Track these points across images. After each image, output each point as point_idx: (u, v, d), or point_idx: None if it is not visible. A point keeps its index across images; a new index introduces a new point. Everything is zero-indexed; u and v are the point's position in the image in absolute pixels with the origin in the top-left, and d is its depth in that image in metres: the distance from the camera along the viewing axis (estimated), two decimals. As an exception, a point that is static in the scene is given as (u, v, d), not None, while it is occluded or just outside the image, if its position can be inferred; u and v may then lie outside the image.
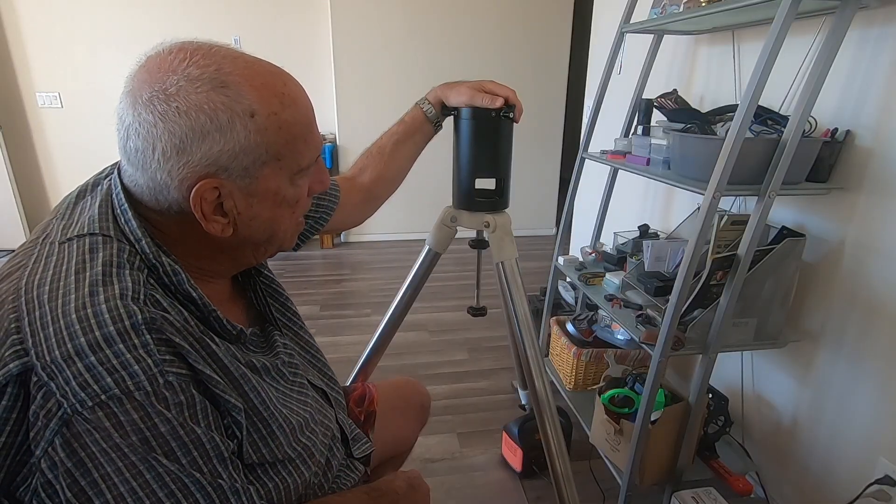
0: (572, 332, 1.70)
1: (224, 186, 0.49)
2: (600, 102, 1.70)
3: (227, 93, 0.47)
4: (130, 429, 0.42)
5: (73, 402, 0.41)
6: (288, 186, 0.54)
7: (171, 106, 0.46)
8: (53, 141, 3.38)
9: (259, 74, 0.50)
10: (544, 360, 1.69)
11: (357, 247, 3.69)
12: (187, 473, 0.45)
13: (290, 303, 0.72)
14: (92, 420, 0.42)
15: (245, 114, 0.48)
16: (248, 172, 0.50)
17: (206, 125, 0.47)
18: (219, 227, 0.51)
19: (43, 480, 0.43)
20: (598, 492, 1.41)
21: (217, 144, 0.48)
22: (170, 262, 0.51)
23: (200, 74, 0.47)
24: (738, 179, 1.04)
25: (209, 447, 0.47)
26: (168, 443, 0.44)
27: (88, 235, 0.50)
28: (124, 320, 0.44)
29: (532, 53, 3.59)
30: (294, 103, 0.52)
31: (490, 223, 0.94)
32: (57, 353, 0.42)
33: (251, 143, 0.49)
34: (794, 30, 0.99)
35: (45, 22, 3.14)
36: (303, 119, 0.53)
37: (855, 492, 1.10)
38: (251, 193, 0.52)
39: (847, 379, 1.15)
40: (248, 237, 0.55)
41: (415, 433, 1.06)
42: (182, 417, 0.45)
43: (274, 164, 0.51)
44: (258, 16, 3.35)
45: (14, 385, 0.42)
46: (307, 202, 0.61)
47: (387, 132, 0.93)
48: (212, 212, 0.50)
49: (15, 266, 0.50)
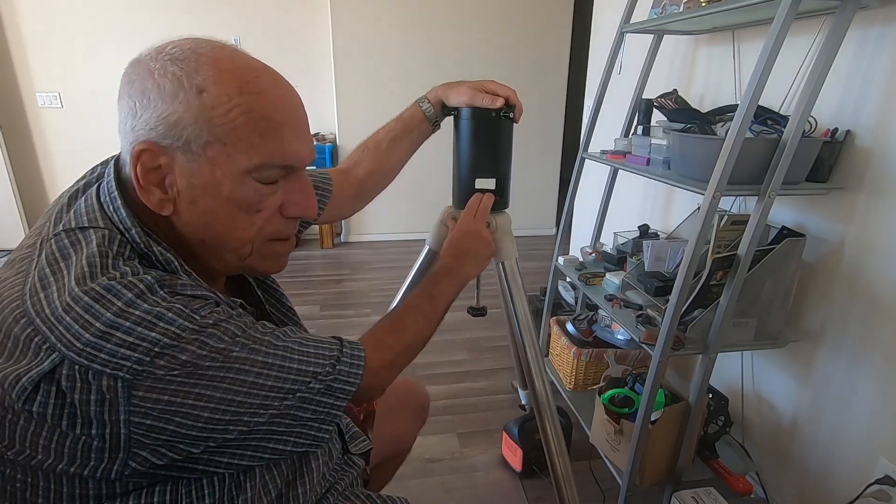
0: (572, 332, 1.70)
1: (165, 154, 0.49)
2: (600, 102, 1.70)
3: (182, 65, 0.48)
4: (196, 360, 0.45)
5: (130, 366, 0.42)
6: (238, 183, 0.50)
7: (132, 72, 0.49)
8: (53, 141, 3.38)
9: (230, 60, 0.50)
10: (544, 360, 1.69)
11: (357, 247, 3.69)
12: (263, 354, 0.50)
13: (285, 298, 0.73)
14: (156, 371, 0.43)
15: (193, 88, 0.47)
16: (189, 148, 0.48)
17: (151, 90, 0.48)
18: (155, 200, 0.50)
19: (144, 450, 0.45)
20: (598, 492, 1.41)
21: (157, 110, 0.47)
22: (161, 251, 0.51)
23: (171, 49, 0.49)
24: (738, 179, 1.04)
25: (270, 329, 0.53)
26: (234, 344, 0.48)
27: (78, 229, 0.50)
28: (138, 285, 0.45)
29: (532, 53, 3.59)
30: (258, 94, 0.50)
31: (490, 223, 0.94)
32: (88, 336, 0.42)
33: (192, 116, 0.47)
34: (794, 30, 0.99)
35: (45, 22, 3.14)
36: (263, 112, 0.50)
37: (855, 492, 1.10)
38: (192, 173, 0.49)
39: (847, 379, 1.15)
40: (191, 226, 0.52)
41: (414, 433, 1.06)
42: (232, 325, 0.49)
43: (219, 148, 0.49)
44: (258, 15, 3.35)
45: (48, 382, 0.42)
46: (279, 221, 0.55)
47: (384, 127, 0.92)
48: (149, 181, 0.49)
49: (17, 273, 0.49)
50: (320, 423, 0.55)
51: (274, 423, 0.51)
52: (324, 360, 0.55)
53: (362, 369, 0.59)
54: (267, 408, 0.49)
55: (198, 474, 0.50)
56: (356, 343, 0.61)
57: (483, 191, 0.92)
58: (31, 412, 0.43)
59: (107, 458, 0.44)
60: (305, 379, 0.52)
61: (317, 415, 0.55)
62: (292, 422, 0.53)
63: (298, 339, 0.55)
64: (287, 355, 0.52)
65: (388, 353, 0.66)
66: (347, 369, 0.57)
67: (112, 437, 0.43)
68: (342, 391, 0.56)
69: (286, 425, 0.52)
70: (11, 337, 0.44)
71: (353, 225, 3.76)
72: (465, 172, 0.92)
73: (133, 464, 0.45)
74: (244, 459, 0.51)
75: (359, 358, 0.59)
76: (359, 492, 0.74)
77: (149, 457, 0.45)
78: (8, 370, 0.43)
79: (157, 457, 0.45)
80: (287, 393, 0.51)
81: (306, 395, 0.53)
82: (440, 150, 1.14)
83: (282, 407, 0.51)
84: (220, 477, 0.52)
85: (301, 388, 0.52)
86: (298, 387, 0.52)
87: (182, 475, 0.49)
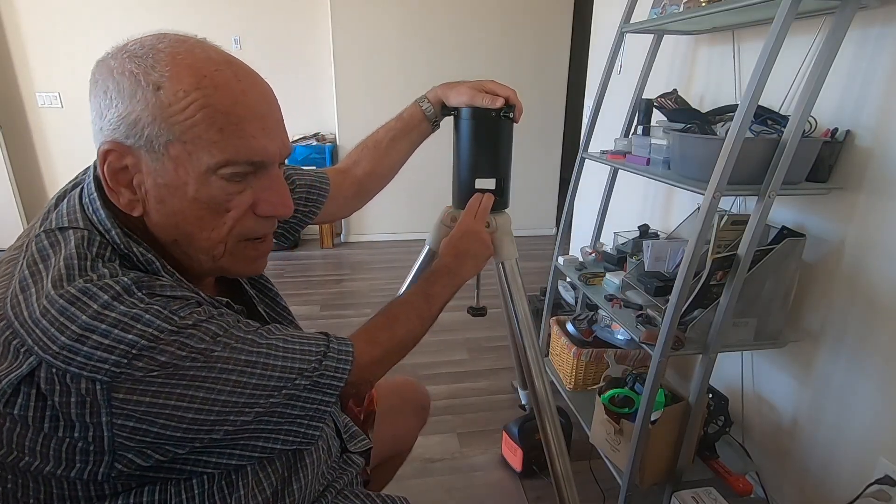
0: (572, 332, 1.70)
1: (130, 155, 0.48)
2: (600, 102, 1.70)
3: (140, 63, 0.47)
4: (176, 361, 0.45)
5: (107, 368, 0.42)
6: (202, 183, 0.49)
7: (95, 73, 0.49)
8: (53, 141, 3.38)
9: (189, 54, 0.48)
10: (544, 360, 1.69)
11: (357, 247, 3.69)
12: (246, 353, 0.50)
13: (280, 298, 0.72)
14: (135, 373, 0.43)
15: (150, 85, 0.46)
16: (152, 147, 0.48)
17: (111, 90, 0.47)
18: (125, 200, 0.50)
19: (127, 451, 0.44)
20: (598, 492, 1.41)
21: (117, 110, 0.47)
22: (142, 251, 0.50)
23: (131, 46, 0.48)
24: (738, 179, 1.04)
25: (253, 327, 0.52)
26: (216, 344, 0.47)
27: (58, 230, 0.50)
28: (114, 286, 0.45)
29: (532, 53, 3.59)
30: (215, 88, 0.48)
31: (490, 223, 0.94)
32: (64, 339, 0.42)
33: (148, 114, 0.47)
34: (794, 30, 0.99)
35: (45, 22, 3.14)
36: (220, 107, 0.48)
37: (855, 492, 1.10)
38: (157, 172, 0.49)
39: (847, 379, 1.15)
40: (161, 227, 0.51)
41: (414, 433, 1.06)
42: (213, 324, 0.48)
43: (179, 147, 0.47)
44: (258, 16, 3.35)
45: (27, 385, 0.42)
46: (252, 222, 0.54)
47: (383, 126, 0.92)
48: (117, 181, 0.49)
49: (4, 276, 0.49)
50: (309, 419, 0.55)
51: (261, 421, 0.51)
52: (310, 357, 0.55)
53: (350, 364, 0.58)
54: (253, 406, 0.49)
55: (186, 474, 0.50)
56: (343, 339, 0.61)
57: (483, 191, 0.92)
58: (13, 415, 0.43)
59: (92, 461, 0.44)
60: (291, 376, 0.52)
61: (305, 411, 0.54)
62: (280, 419, 0.52)
63: (283, 336, 0.54)
64: (271, 352, 0.51)
65: (378, 348, 0.66)
66: (335, 364, 0.57)
67: (96, 439, 0.43)
68: (329, 387, 0.56)
69: (274, 423, 0.52)
70: None
71: (353, 225, 3.76)
72: (465, 172, 0.92)
73: (119, 465, 0.45)
74: (233, 458, 0.51)
75: (347, 353, 0.59)
76: (358, 491, 0.74)
77: (134, 458, 0.45)
78: None
79: (143, 458, 0.45)
80: (273, 390, 0.51)
81: (292, 391, 0.52)
82: (440, 150, 1.14)
83: (268, 405, 0.50)
84: (209, 476, 0.52)
85: (287, 384, 0.52)
86: (284, 384, 0.52)
87: (170, 476, 0.49)
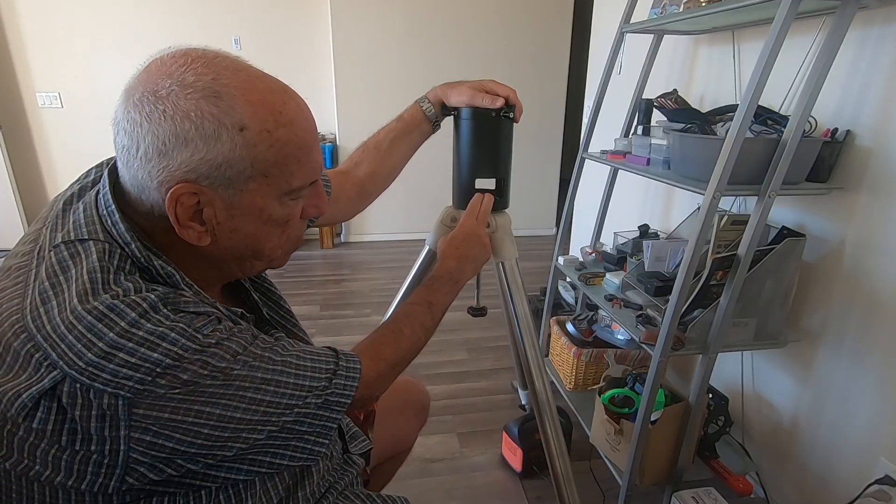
0: (572, 332, 1.70)
1: (204, 194, 0.48)
2: (600, 102, 1.70)
3: (217, 103, 0.46)
4: (198, 379, 0.45)
5: (131, 385, 0.43)
6: (276, 205, 0.53)
7: (158, 108, 0.46)
8: (53, 141, 3.38)
9: (257, 90, 0.49)
10: (544, 360, 1.69)
11: (357, 247, 3.69)
12: (262, 370, 0.50)
13: (283, 301, 0.73)
14: (157, 390, 0.43)
15: (234, 127, 0.47)
16: (231, 184, 0.49)
17: (189, 132, 0.46)
18: (194, 235, 0.50)
19: (143, 465, 0.45)
20: (598, 492, 1.41)
21: (199, 153, 0.47)
22: (161, 264, 0.50)
23: (194, 81, 0.46)
24: (738, 179, 1.04)
25: (269, 344, 0.53)
26: (236, 362, 0.48)
27: (77, 241, 0.49)
28: (141, 304, 0.45)
29: (532, 53, 3.59)
30: (291, 123, 0.51)
31: (490, 223, 0.94)
32: (90, 356, 0.42)
33: (236, 156, 0.48)
34: (794, 30, 0.99)
35: (45, 22, 3.14)
36: (298, 140, 0.51)
37: (855, 492, 1.10)
38: (233, 205, 0.50)
39: (847, 379, 1.15)
40: (229, 249, 0.54)
41: (414, 433, 1.06)
42: (234, 343, 0.49)
43: (261, 180, 0.50)
44: (258, 16, 3.35)
45: (48, 399, 0.42)
46: (300, 224, 0.60)
47: (384, 128, 0.92)
48: (188, 218, 0.49)
49: (16, 284, 0.49)
50: (317, 436, 0.56)
51: (272, 437, 0.51)
52: (321, 374, 0.55)
53: (357, 381, 0.59)
54: (266, 423, 0.50)
55: (195, 488, 0.50)
56: (352, 355, 0.62)
57: (483, 191, 0.92)
58: (30, 428, 0.43)
59: (104, 474, 0.44)
60: (303, 394, 0.53)
61: (313, 428, 0.55)
62: (289, 436, 0.53)
63: (296, 353, 0.55)
64: (285, 370, 0.52)
65: (383, 364, 0.67)
66: (343, 382, 0.58)
67: (111, 452, 0.43)
68: (338, 404, 0.57)
69: (283, 439, 0.53)
70: (11, 351, 0.44)
71: (353, 225, 3.76)
72: (465, 172, 0.92)
73: (130, 479, 0.45)
74: (241, 473, 0.52)
75: (355, 370, 0.59)
76: (358, 491, 0.74)
77: (146, 472, 0.45)
78: (7, 386, 0.43)
79: (155, 472, 0.46)
80: (285, 409, 0.51)
81: (304, 409, 0.53)
82: (440, 150, 1.14)
83: (280, 423, 0.51)
84: (217, 490, 0.52)
85: (299, 402, 0.52)
86: (296, 402, 0.52)
87: (179, 489, 0.49)
